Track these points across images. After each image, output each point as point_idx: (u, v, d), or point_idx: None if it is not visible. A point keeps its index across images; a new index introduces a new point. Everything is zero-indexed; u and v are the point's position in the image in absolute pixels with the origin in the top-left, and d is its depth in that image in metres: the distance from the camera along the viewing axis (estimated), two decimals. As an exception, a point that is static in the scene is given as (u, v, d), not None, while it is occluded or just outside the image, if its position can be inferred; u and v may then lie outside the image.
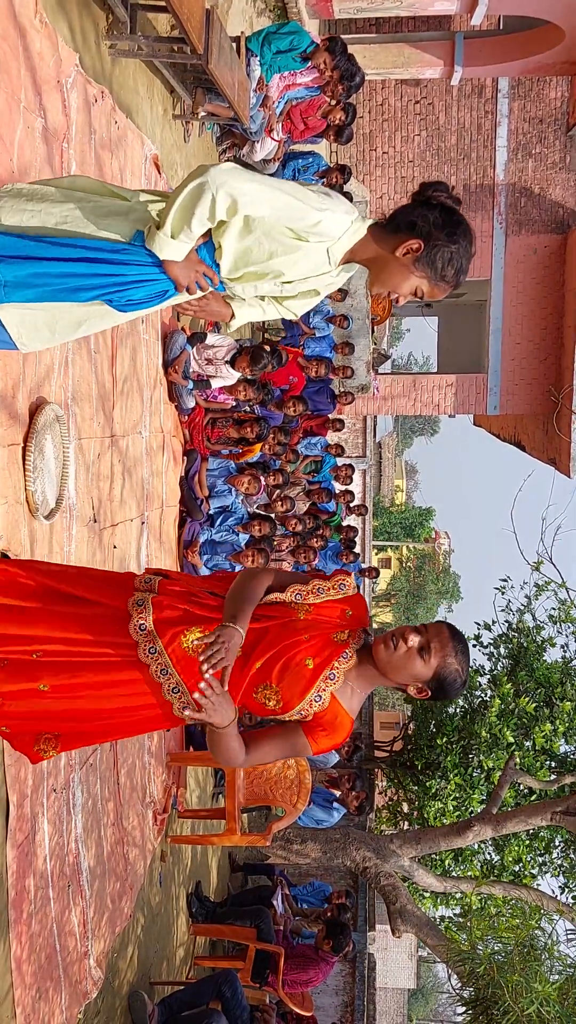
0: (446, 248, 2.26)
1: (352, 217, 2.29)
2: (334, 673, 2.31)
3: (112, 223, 2.23)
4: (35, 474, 3.61)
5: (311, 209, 2.20)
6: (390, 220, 2.34)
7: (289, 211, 2.19)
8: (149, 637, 2.30)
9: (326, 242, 2.29)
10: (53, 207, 2.21)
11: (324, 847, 7.61)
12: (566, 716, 9.77)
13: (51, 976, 3.74)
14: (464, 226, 2.28)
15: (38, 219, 2.20)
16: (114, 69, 5.00)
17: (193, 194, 2.13)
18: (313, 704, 2.30)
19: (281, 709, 2.30)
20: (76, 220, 2.21)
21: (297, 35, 6.73)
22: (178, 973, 5.90)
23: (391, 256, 2.30)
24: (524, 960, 5.19)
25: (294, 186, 2.22)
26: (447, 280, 2.32)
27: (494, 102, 14.68)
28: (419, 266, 2.29)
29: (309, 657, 2.31)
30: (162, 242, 2.19)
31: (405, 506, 51.06)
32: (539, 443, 15.97)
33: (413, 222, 2.27)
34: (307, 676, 2.28)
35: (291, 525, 9.05)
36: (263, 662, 2.30)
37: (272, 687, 2.29)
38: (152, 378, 5.74)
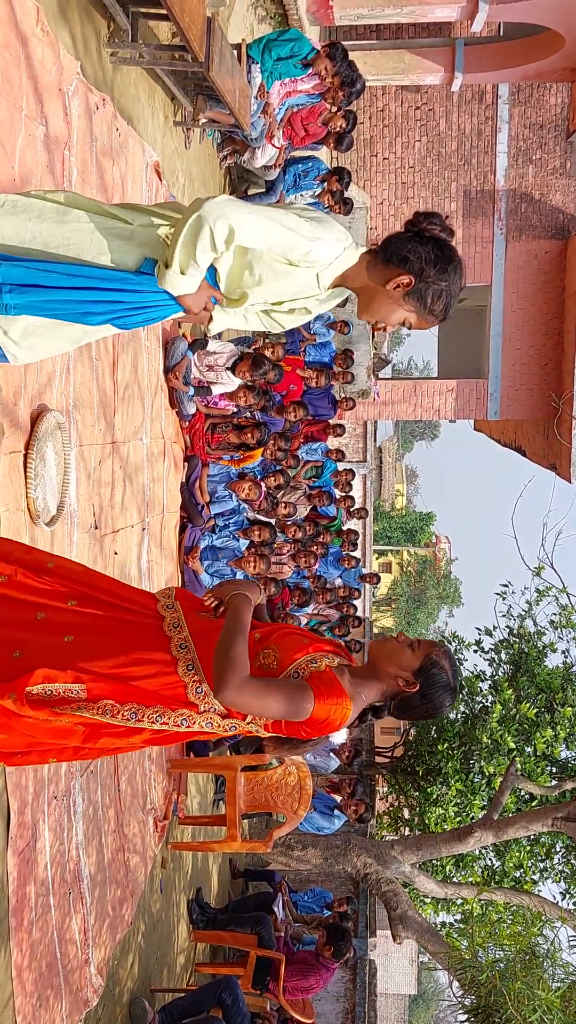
0: (436, 285, 2.31)
1: (344, 244, 2.32)
2: (328, 655, 2.40)
3: (117, 248, 2.24)
4: (36, 481, 3.62)
5: (302, 239, 2.23)
6: (382, 249, 2.36)
7: (281, 241, 2.23)
8: (170, 599, 2.46)
9: (316, 268, 2.31)
10: (56, 228, 2.21)
11: (325, 853, 7.61)
12: (567, 722, 9.77)
13: (52, 984, 3.73)
14: (456, 262, 2.32)
15: (40, 240, 2.20)
16: (115, 77, 5.01)
17: (193, 229, 2.16)
18: (309, 665, 2.35)
19: (278, 667, 2.35)
20: (80, 244, 2.22)
21: (298, 42, 6.75)
22: (179, 980, 5.89)
23: (381, 288, 2.35)
24: (526, 967, 5.18)
25: (286, 214, 2.24)
26: (435, 314, 2.37)
27: (494, 108, 14.71)
28: (409, 300, 2.34)
29: (304, 638, 2.45)
30: (174, 280, 2.23)
31: (406, 510, 51.07)
32: (540, 448, 15.97)
33: (406, 257, 2.30)
34: (303, 644, 2.40)
35: (291, 532, 9.05)
36: (262, 633, 2.42)
37: (272, 647, 2.38)
38: (153, 384, 5.75)
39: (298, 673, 2.34)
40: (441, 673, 2.41)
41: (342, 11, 11.18)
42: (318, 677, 2.33)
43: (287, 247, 2.24)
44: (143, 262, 2.25)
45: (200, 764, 6.31)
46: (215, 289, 2.36)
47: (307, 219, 2.27)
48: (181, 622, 2.40)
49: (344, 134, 7.66)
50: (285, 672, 2.34)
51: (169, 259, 2.21)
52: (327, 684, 2.31)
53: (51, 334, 2.28)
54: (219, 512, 6.90)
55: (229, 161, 7.71)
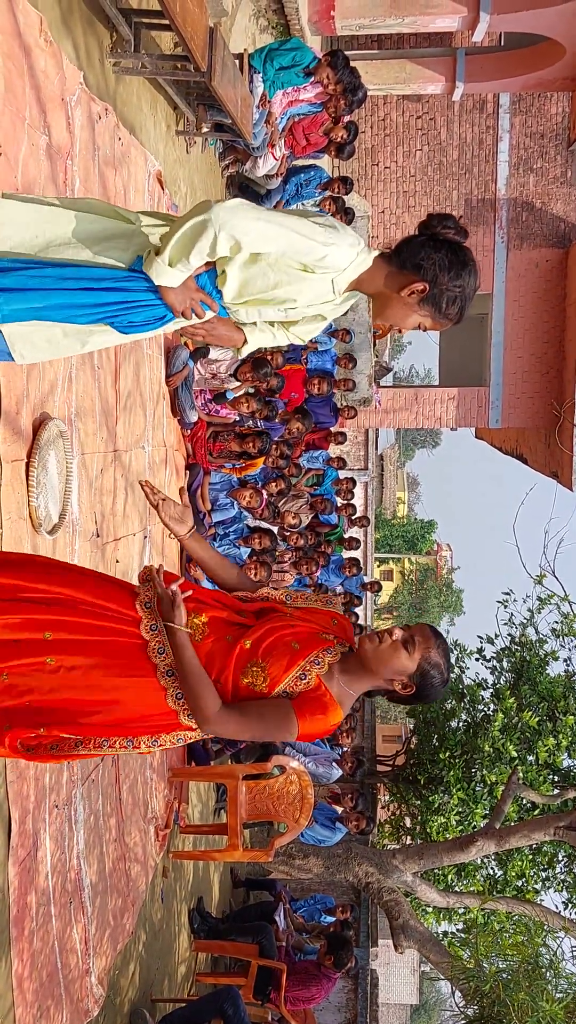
0: (451, 290, 2.31)
1: (357, 249, 2.31)
2: (319, 660, 2.36)
3: (114, 247, 2.25)
4: (38, 489, 3.62)
5: (317, 244, 2.23)
6: (396, 253, 2.36)
7: (295, 247, 2.23)
8: (152, 615, 2.36)
9: (331, 273, 2.31)
10: (58, 224, 2.22)
11: (326, 862, 7.59)
12: (569, 730, 9.75)
13: (52, 994, 3.72)
14: (470, 265, 2.32)
15: (43, 239, 2.21)
16: (118, 86, 5.03)
17: (196, 229, 2.16)
18: (299, 682, 2.32)
19: (268, 688, 2.31)
20: (80, 243, 2.23)
21: (299, 51, 6.77)
22: (180, 990, 5.86)
23: (395, 295, 2.36)
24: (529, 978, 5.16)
25: (300, 220, 2.24)
26: (450, 318, 2.38)
27: (495, 117, 14.76)
28: (424, 306, 2.35)
29: (295, 641, 2.37)
30: (159, 268, 2.22)
31: (407, 518, 51.05)
32: (541, 456, 15.97)
33: (419, 264, 2.30)
34: (292, 653, 2.34)
35: (293, 540, 9.05)
36: (252, 641, 2.36)
37: (259, 663, 2.32)
38: (155, 393, 5.76)
39: (287, 692, 2.32)
40: (437, 674, 2.39)
41: (343, 21, 11.22)
42: (303, 697, 2.31)
43: (301, 252, 2.24)
44: (136, 259, 2.26)
45: (201, 773, 6.29)
46: (204, 293, 2.35)
47: (320, 224, 2.26)
48: (165, 647, 2.34)
49: (345, 143, 7.68)
50: (274, 693, 2.31)
51: (161, 248, 2.21)
52: (314, 704, 2.30)
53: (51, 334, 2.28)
54: (220, 520, 6.90)
55: (231, 170, 7.73)
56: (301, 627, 2.43)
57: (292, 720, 2.26)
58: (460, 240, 2.34)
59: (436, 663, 2.38)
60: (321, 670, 2.35)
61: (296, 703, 2.30)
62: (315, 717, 2.28)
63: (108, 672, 2.33)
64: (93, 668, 2.33)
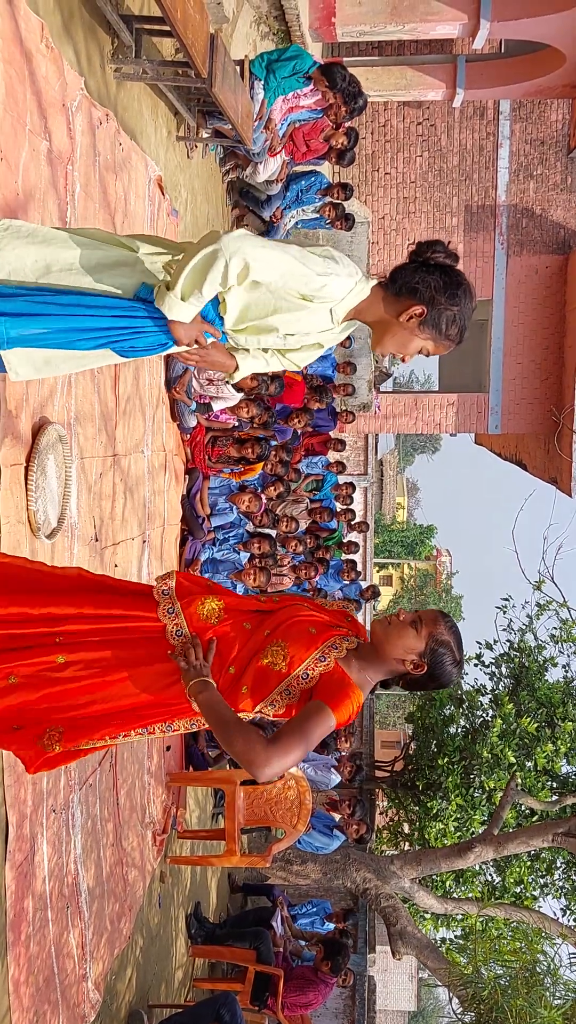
0: (448, 311, 2.35)
1: (356, 279, 2.35)
2: (337, 645, 2.40)
3: (117, 274, 2.27)
4: (37, 494, 3.62)
5: (314, 275, 2.27)
6: (391, 281, 2.40)
7: (296, 275, 2.26)
8: (170, 599, 2.43)
9: (329, 303, 2.35)
10: (61, 251, 2.24)
11: (324, 868, 7.57)
12: (568, 736, 9.74)
13: (49, 999, 3.71)
14: (465, 285, 2.37)
15: (43, 265, 2.22)
16: (119, 92, 5.05)
17: (207, 259, 2.19)
18: (318, 664, 2.36)
19: (287, 668, 2.35)
20: (81, 269, 2.24)
21: (299, 59, 6.78)
22: (177, 995, 5.85)
23: (395, 321, 2.40)
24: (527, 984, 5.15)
25: (300, 251, 2.28)
26: (451, 339, 2.42)
27: (495, 124, 14.79)
28: (423, 329, 2.39)
29: (313, 627, 2.43)
30: (171, 303, 2.24)
31: (406, 524, 51.05)
32: (540, 462, 15.98)
33: (415, 288, 2.35)
34: (311, 636, 2.40)
35: (291, 546, 9.05)
36: (271, 630, 2.41)
37: (280, 643, 2.37)
38: (154, 397, 5.76)
39: (307, 674, 2.36)
40: (447, 652, 2.43)
41: (344, 28, 11.25)
42: (328, 680, 2.35)
43: (301, 281, 2.28)
44: (140, 287, 2.28)
45: (199, 778, 6.29)
46: (209, 325, 2.37)
47: (320, 256, 2.30)
48: (183, 629, 2.40)
49: (346, 150, 7.70)
50: (294, 673, 2.35)
51: (172, 283, 2.23)
52: (337, 686, 2.33)
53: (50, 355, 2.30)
54: (219, 525, 6.91)
55: (231, 176, 7.75)
56: (318, 616, 2.50)
57: (328, 713, 2.28)
58: (451, 263, 2.38)
59: (445, 641, 2.43)
60: (339, 654, 2.39)
61: (321, 693, 2.33)
62: (344, 703, 2.31)
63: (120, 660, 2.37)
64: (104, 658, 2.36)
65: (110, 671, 2.36)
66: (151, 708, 2.41)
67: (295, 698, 2.38)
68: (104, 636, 2.39)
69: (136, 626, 2.42)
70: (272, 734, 2.24)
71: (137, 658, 2.38)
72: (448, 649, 2.43)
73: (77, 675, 2.34)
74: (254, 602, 2.55)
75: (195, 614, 2.43)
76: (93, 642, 2.38)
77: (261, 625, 2.44)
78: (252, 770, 2.17)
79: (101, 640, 2.38)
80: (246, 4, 8.48)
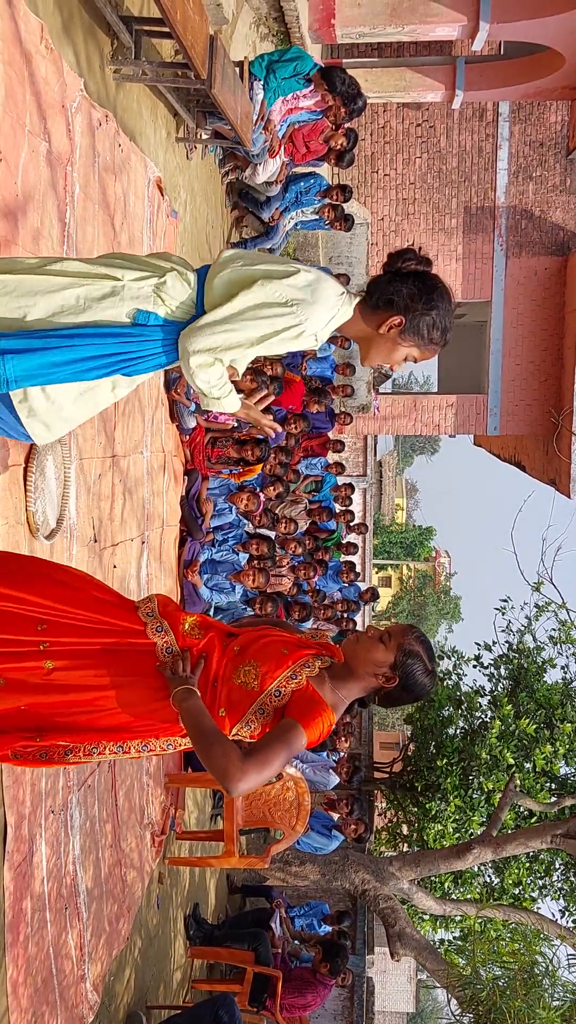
0: (426, 316, 2.36)
1: (338, 305, 2.37)
2: (309, 664, 2.43)
3: (107, 306, 2.27)
4: (36, 494, 3.62)
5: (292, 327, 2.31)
6: (368, 295, 2.42)
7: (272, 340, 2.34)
8: (156, 619, 2.47)
9: (309, 331, 2.37)
10: (45, 299, 2.23)
11: (323, 869, 7.56)
12: (566, 738, 9.73)
13: (47, 1000, 3.71)
14: (440, 288, 2.38)
15: (33, 315, 2.22)
16: (118, 93, 5.05)
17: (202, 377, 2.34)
18: (290, 682, 2.38)
19: (259, 687, 2.38)
20: (72, 309, 2.24)
21: (300, 60, 6.79)
22: (175, 997, 5.85)
23: (377, 334, 2.42)
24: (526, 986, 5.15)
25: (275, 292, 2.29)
26: (435, 342, 2.42)
27: (495, 126, 14.81)
28: (405, 337, 2.40)
29: (284, 647, 2.46)
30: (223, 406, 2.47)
31: (405, 525, 51.07)
32: (539, 464, 15.99)
33: (390, 299, 2.36)
34: (282, 656, 2.43)
35: (291, 548, 9.05)
36: (241, 646, 2.45)
37: (252, 663, 2.41)
38: (153, 399, 5.77)
39: (279, 691, 2.38)
40: (417, 662, 2.43)
41: (344, 29, 11.26)
42: (299, 697, 2.37)
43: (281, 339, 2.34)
44: (136, 314, 2.29)
45: (198, 779, 6.28)
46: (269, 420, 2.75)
47: (301, 287, 2.30)
48: (173, 647, 2.42)
49: (345, 151, 7.70)
50: (266, 691, 2.37)
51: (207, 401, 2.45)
52: (308, 704, 2.35)
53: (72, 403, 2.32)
54: (218, 526, 6.90)
55: (231, 177, 7.75)
56: (289, 636, 2.54)
57: (299, 731, 2.30)
58: (424, 269, 2.39)
59: (414, 651, 2.43)
60: (311, 672, 2.41)
61: (293, 711, 2.34)
62: (315, 721, 2.32)
63: (109, 671, 2.37)
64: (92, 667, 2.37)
65: (96, 683, 2.36)
66: (132, 725, 2.42)
67: (268, 717, 2.39)
68: (92, 642, 2.39)
69: (126, 640, 2.43)
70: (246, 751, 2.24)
71: (125, 671, 2.38)
72: (418, 659, 2.43)
73: (65, 682, 2.35)
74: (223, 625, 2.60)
75: (181, 633, 2.46)
76: (82, 651, 2.38)
77: (233, 642, 2.49)
78: (226, 783, 2.16)
79: (90, 649, 2.39)
80: (245, 5, 8.49)
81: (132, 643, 2.43)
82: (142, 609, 2.49)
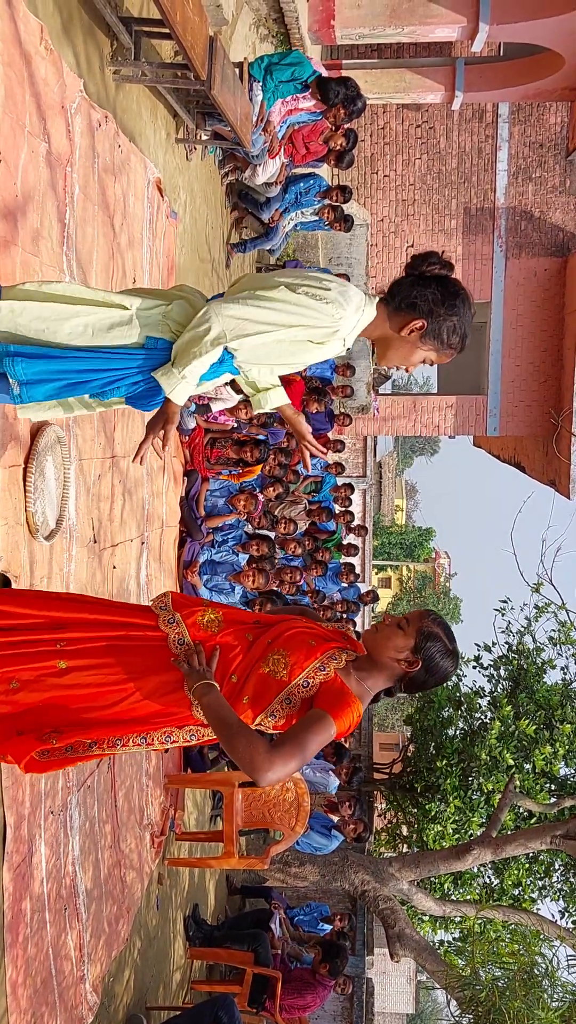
0: (448, 321, 2.41)
1: (362, 308, 2.41)
2: (336, 656, 2.45)
3: (117, 335, 2.35)
4: (36, 495, 3.62)
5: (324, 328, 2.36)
6: (390, 296, 2.46)
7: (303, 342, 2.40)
8: (169, 611, 2.49)
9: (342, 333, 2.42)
10: (57, 326, 2.31)
11: (322, 870, 7.56)
12: (566, 739, 9.73)
13: (47, 1001, 3.71)
14: (462, 295, 2.42)
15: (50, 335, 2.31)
16: (118, 94, 5.05)
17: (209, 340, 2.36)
18: (318, 673, 2.40)
19: (288, 676, 2.39)
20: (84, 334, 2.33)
21: (299, 66, 6.78)
22: (175, 998, 5.85)
23: (397, 336, 2.46)
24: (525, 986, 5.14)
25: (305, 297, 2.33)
26: (453, 347, 2.47)
27: (494, 127, 14.81)
28: (425, 341, 2.45)
29: (312, 638, 2.48)
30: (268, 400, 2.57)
31: (405, 526, 51.07)
32: (539, 464, 15.99)
33: (413, 302, 2.40)
34: (311, 647, 2.45)
35: (290, 549, 9.05)
36: (272, 639, 2.46)
37: (281, 651, 2.42)
38: (153, 399, 5.76)
39: (308, 682, 2.39)
40: (437, 643, 2.46)
41: (344, 30, 11.27)
42: (327, 689, 2.38)
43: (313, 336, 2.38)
44: (146, 340, 2.37)
45: (198, 780, 6.28)
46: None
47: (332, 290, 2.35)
48: (185, 638, 2.44)
49: (345, 152, 7.70)
50: (295, 682, 2.39)
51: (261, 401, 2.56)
52: (337, 695, 2.36)
53: None
54: (218, 527, 6.90)
55: (230, 178, 7.76)
56: (317, 629, 2.56)
57: (329, 722, 2.31)
58: (447, 274, 2.43)
59: (433, 633, 2.46)
60: (339, 664, 2.44)
61: (321, 702, 2.36)
62: (344, 712, 2.34)
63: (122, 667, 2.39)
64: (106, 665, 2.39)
65: (112, 678, 2.38)
66: (152, 717, 2.43)
67: (295, 707, 2.40)
68: (106, 643, 2.42)
69: (138, 634, 2.45)
70: (274, 740, 2.25)
71: (139, 666, 2.40)
72: (438, 640, 2.46)
73: (79, 682, 2.36)
74: (252, 614, 2.61)
75: (196, 624, 2.47)
76: (95, 648, 2.40)
77: (262, 635, 2.48)
78: (254, 775, 2.16)
79: (103, 647, 2.41)
80: (245, 6, 8.50)
81: (145, 636, 2.45)
82: (155, 603, 2.52)
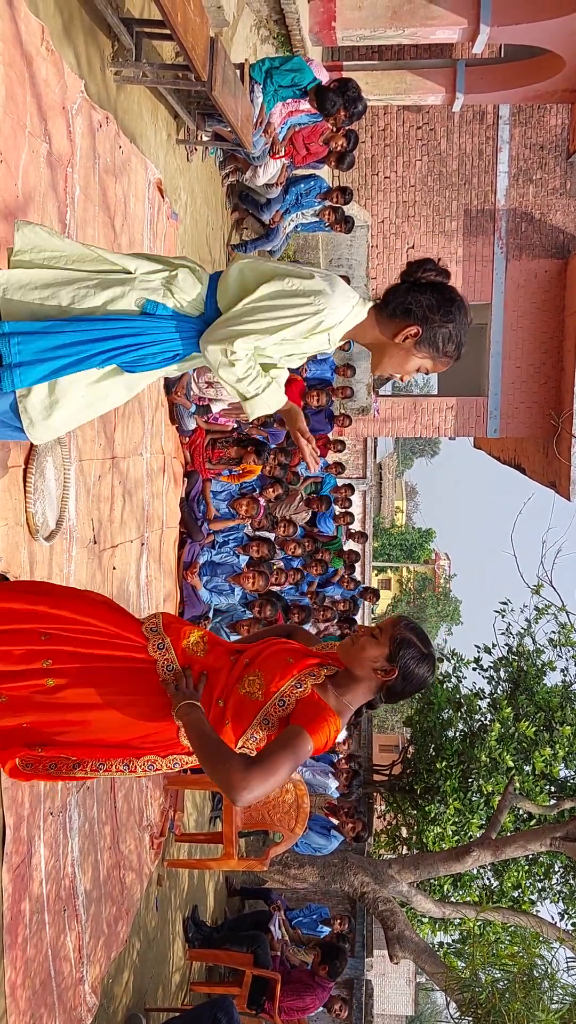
0: (443, 328, 2.35)
1: (352, 303, 2.37)
2: (314, 672, 2.42)
3: (115, 296, 2.30)
4: (36, 496, 3.62)
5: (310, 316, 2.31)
6: (385, 303, 2.41)
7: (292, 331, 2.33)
8: (160, 635, 2.49)
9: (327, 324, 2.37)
10: (60, 290, 2.27)
11: (322, 872, 7.56)
12: (566, 740, 9.73)
13: (46, 1002, 3.70)
14: (458, 301, 2.37)
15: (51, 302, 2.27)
16: (119, 95, 5.05)
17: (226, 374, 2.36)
18: (295, 690, 2.38)
19: (264, 697, 2.38)
20: (84, 298, 2.28)
21: (299, 72, 6.79)
22: (174, 999, 5.84)
23: (391, 342, 2.41)
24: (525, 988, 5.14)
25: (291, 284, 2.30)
26: (449, 355, 2.41)
27: (495, 128, 14.82)
28: (420, 348, 2.39)
29: (290, 656, 2.46)
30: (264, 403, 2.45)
31: (405, 527, 51.06)
32: (539, 466, 15.99)
33: (408, 308, 2.35)
34: (287, 665, 2.43)
35: (290, 550, 9.04)
36: (251, 659, 2.47)
37: (256, 672, 2.42)
38: (153, 400, 5.76)
39: (284, 700, 2.37)
40: (411, 649, 2.42)
41: (344, 32, 11.27)
42: (304, 705, 2.36)
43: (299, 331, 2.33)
44: (144, 303, 2.31)
45: (197, 781, 6.27)
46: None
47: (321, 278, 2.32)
48: (174, 664, 2.44)
49: (345, 153, 7.70)
50: (271, 701, 2.37)
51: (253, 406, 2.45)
52: (314, 710, 2.34)
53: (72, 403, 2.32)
54: (219, 528, 6.90)
55: (231, 179, 7.76)
56: (295, 645, 2.55)
57: (305, 738, 2.28)
58: (443, 280, 2.38)
59: (406, 639, 2.42)
60: (316, 680, 2.41)
61: (298, 718, 2.33)
62: (321, 727, 2.32)
63: (111, 688, 2.39)
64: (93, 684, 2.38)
65: (100, 701, 2.38)
66: (137, 741, 2.44)
67: (273, 727, 2.39)
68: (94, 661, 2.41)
69: (125, 655, 2.44)
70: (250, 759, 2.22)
71: (127, 689, 2.40)
72: (411, 646, 2.42)
73: (66, 702, 2.36)
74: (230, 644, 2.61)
75: (181, 648, 2.48)
76: (83, 668, 2.39)
77: (241, 657, 2.49)
78: (230, 794, 2.15)
79: (91, 667, 2.40)
80: (246, 8, 8.50)
81: (134, 659, 2.44)
82: (146, 625, 2.51)
